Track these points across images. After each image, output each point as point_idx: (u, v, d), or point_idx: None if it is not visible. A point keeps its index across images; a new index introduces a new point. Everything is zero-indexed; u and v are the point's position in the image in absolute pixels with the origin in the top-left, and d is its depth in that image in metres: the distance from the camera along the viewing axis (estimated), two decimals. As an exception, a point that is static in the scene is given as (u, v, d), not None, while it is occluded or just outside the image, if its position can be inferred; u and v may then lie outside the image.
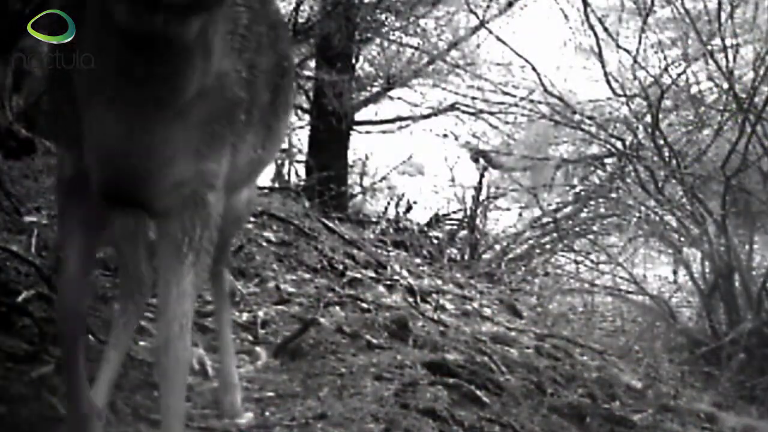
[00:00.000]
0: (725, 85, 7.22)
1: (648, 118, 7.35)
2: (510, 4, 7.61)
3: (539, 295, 6.44)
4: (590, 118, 7.57)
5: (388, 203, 7.03)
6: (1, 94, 4.13)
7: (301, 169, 8.11)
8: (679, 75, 7.50)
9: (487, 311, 4.24)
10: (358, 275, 3.99)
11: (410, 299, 3.89)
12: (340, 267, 4.04)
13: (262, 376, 2.75)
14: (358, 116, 8.17)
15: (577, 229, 7.85)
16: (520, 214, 8.28)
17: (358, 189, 8.21)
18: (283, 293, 3.45)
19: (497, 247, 7.41)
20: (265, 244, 3.87)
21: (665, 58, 7.54)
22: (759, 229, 7.77)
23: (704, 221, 7.02)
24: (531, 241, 7.63)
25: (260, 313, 3.19)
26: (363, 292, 3.79)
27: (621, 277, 7.89)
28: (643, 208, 7.41)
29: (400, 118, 8.55)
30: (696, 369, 5.98)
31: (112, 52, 1.57)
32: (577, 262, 8.04)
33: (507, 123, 8.46)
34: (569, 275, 7.89)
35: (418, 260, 5.33)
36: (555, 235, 7.62)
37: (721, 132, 7.35)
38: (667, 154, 7.31)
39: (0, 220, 3.21)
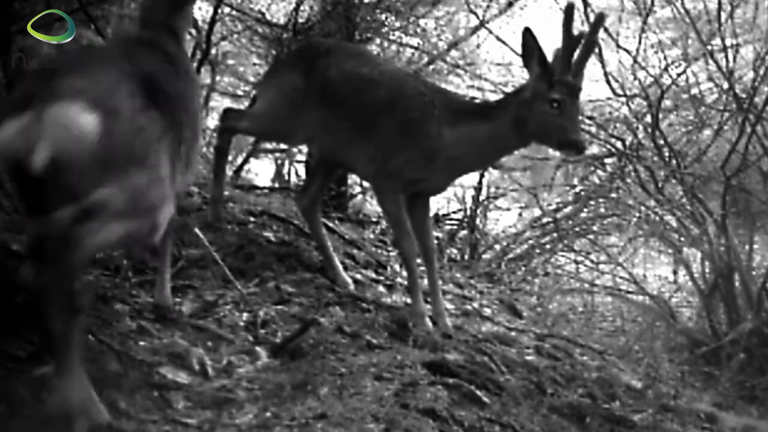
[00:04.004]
0: (725, 85, 7.23)
1: (648, 118, 7.35)
2: (510, 4, 7.59)
3: (539, 295, 6.43)
4: (590, 118, 7.57)
5: (388, 203, 7.01)
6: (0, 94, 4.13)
7: (301, 169, 8.10)
8: (679, 75, 7.51)
9: (487, 311, 4.23)
10: (358, 275, 3.99)
11: (410, 299, 3.88)
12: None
13: (262, 376, 2.75)
14: (359, 116, 8.15)
15: (577, 229, 7.84)
16: (520, 214, 8.27)
17: (358, 189, 8.20)
18: (283, 293, 3.45)
19: (497, 247, 7.40)
20: (265, 244, 3.86)
21: (665, 58, 7.55)
22: (759, 229, 7.78)
23: (704, 221, 7.03)
24: (531, 241, 7.62)
25: (260, 313, 3.19)
26: (363, 292, 3.80)
27: (621, 277, 7.90)
28: (643, 208, 7.42)
29: (401, 118, 8.52)
30: (696, 369, 5.98)
31: None
32: (577, 262, 8.04)
33: (507, 123, 8.46)
34: (569, 275, 7.89)
35: (418, 260, 5.31)
36: (555, 235, 7.62)
37: (721, 132, 7.36)
38: (667, 154, 7.31)
39: (0, 220, 3.21)
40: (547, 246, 7.70)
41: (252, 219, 4.14)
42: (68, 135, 1.96)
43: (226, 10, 6.52)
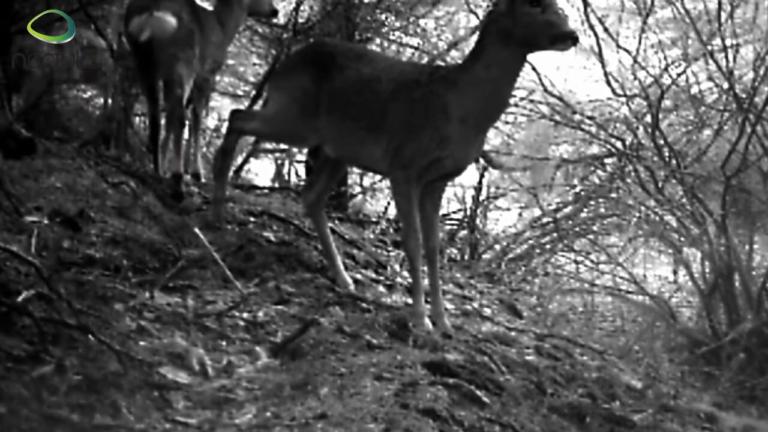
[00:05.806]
0: (725, 85, 7.24)
1: (648, 118, 7.36)
2: (510, 4, 7.59)
3: (539, 295, 6.43)
4: (590, 118, 7.58)
5: (388, 203, 7.02)
6: (0, 94, 4.13)
7: (301, 169, 8.11)
8: (679, 75, 7.53)
9: (487, 311, 4.23)
10: (358, 275, 3.99)
11: (410, 299, 3.89)
12: (341, 267, 4.03)
13: (262, 376, 2.75)
14: (359, 116, 8.13)
15: (577, 229, 7.85)
16: (520, 214, 8.27)
17: (358, 189, 8.20)
18: (283, 293, 3.45)
19: (497, 247, 7.40)
20: (265, 244, 3.87)
21: (665, 58, 7.56)
22: (759, 229, 7.79)
23: (704, 221, 7.04)
24: (531, 241, 7.63)
25: (260, 313, 3.19)
26: (363, 292, 3.80)
27: (621, 277, 7.91)
28: (643, 208, 7.43)
29: (401, 118, 8.50)
30: (696, 369, 5.99)
31: None
32: (577, 262, 8.05)
33: (507, 123, 8.45)
34: (569, 275, 7.90)
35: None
36: (555, 235, 7.62)
37: (721, 132, 7.37)
38: (667, 154, 7.32)
39: (0, 220, 3.21)
40: (547, 246, 7.71)
41: (252, 219, 4.14)
42: (162, 27, 4.25)
43: (226, 10, 6.51)
